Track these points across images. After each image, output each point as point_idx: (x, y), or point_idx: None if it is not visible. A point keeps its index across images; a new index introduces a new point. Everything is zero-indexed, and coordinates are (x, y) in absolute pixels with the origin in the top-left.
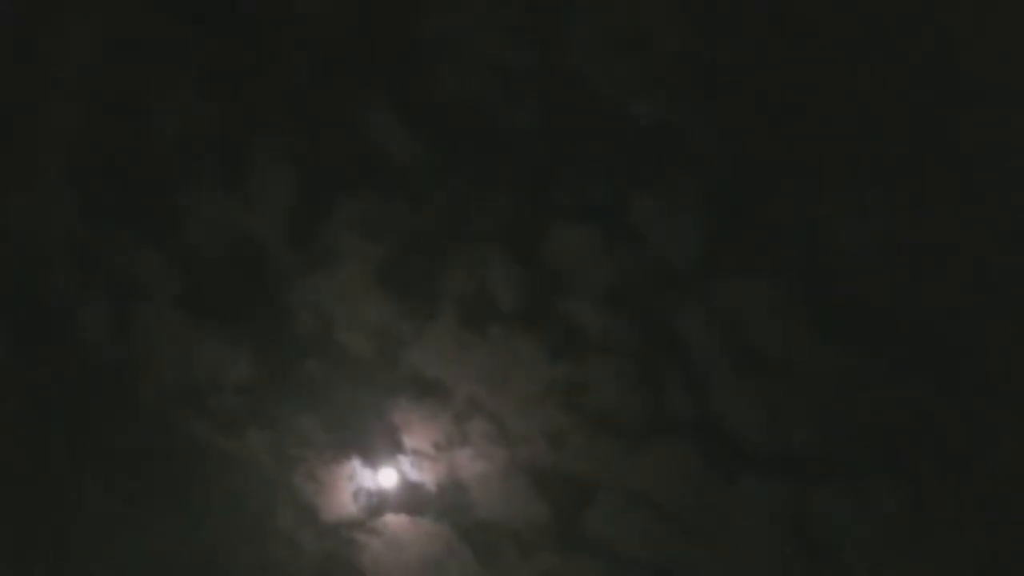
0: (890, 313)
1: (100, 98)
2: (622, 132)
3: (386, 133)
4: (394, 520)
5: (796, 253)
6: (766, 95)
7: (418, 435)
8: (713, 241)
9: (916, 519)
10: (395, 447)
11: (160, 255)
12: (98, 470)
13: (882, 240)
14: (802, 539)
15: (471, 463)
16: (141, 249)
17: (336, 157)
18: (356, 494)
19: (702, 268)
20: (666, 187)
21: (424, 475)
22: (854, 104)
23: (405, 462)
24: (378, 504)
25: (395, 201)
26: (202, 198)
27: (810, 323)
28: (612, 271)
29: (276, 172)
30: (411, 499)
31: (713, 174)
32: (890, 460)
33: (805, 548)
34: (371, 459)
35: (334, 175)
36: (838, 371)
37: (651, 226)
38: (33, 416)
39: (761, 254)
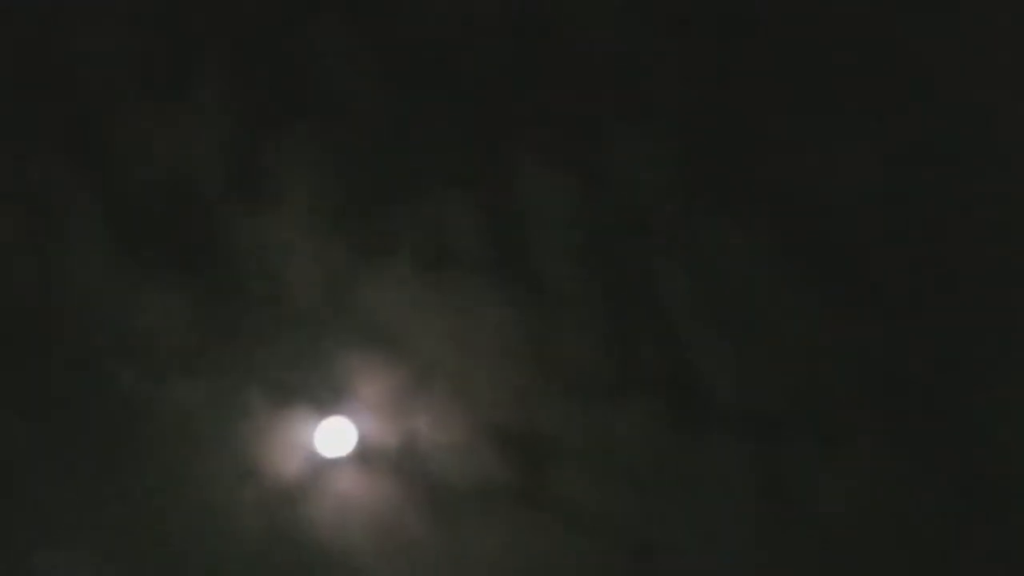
0: (873, 265)
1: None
2: (594, 72)
3: (339, 62)
4: (347, 479)
5: (778, 200)
6: (744, 31)
7: (372, 389)
8: (689, 187)
9: (893, 478)
10: (347, 401)
11: (87, 188)
12: (16, 424)
13: (868, 186)
14: (775, 499)
15: (428, 419)
16: (69, 183)
17: (283, 87)
18: (306, 450)
19: (677, 215)
20: (640, 129)
21: (378, 431)
22: (841, 39)
23: (358, 417)
24: (330, 461)
25: (349, 138)
26: (134, 129)
27: (789, 274)
28: (581, 218)
29: (216, 102)
30: (365, 456)
31: (689, 115)
32: (868, 418)
33: (778, 508)
34: (321, 414)
35: (281, 107)
36: (818, 325)
37: (624, 170)
38: None
39: (740, 201)
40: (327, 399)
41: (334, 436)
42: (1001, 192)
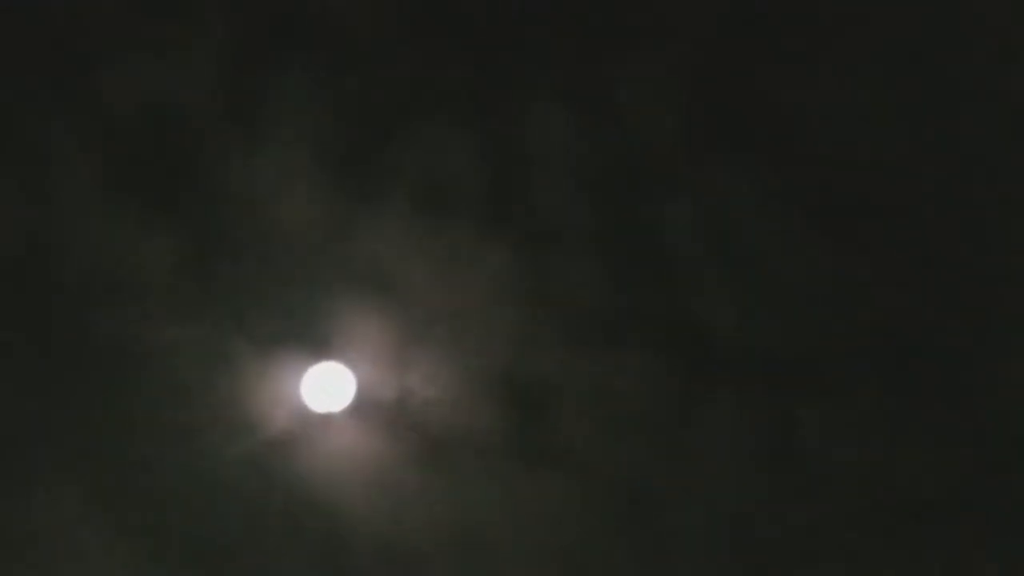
0: (885, 210)
1: None
2: (598, 8)
3: None
4: (341, 427)
5: (784, 142)
6: None
7: (367, 334)
8: (694, 128)
9: (902, 428)
10: (342, 347)
11: (74, 121)
12: (12, 362)
13: (881, 128)
14: (782, 449)
15: (426, 366)
16: (53, 119)
17: (278, 21)
18: (299, 399)
19: (681, 157)
20: (644, 68)
21: (375, 379)
22: None
23: (354, 364)
24: (324, 410)
25: (344, 70)
26: (119, 59)
27: (794, 221)
28: (585, 157)
29: (205, 32)
30: (360, 405)
31: (694, 54)
32: (874, 364)
33: (785, 459)
34: (316, 360)
35: (275, 41)
36: (820, 272)
37: (631, 107)
38: None
39: (745, 143)
40: (321, 346)
41: (327, 385)
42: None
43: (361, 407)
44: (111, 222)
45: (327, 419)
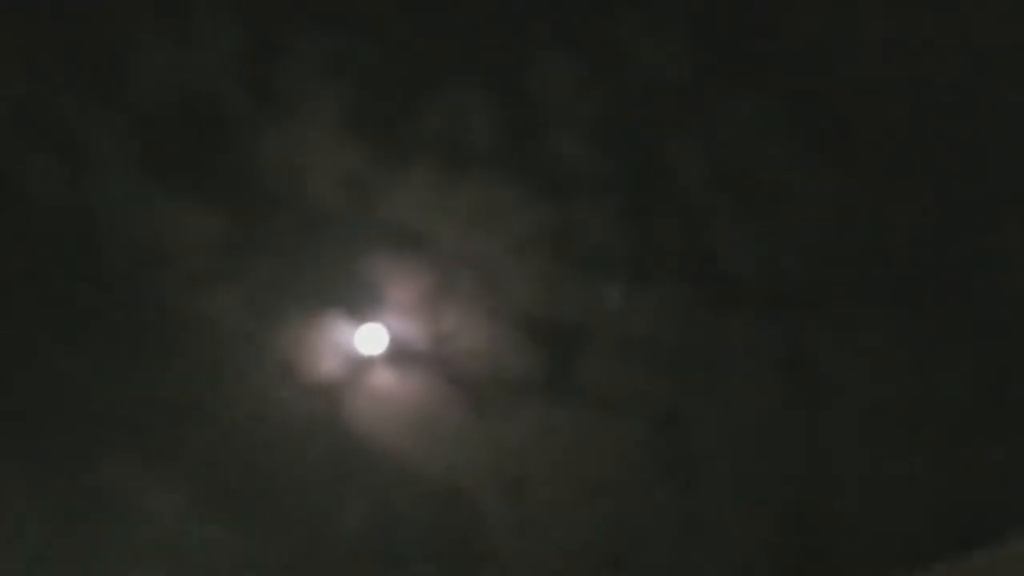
0: (891, 136)
1: None
2: None
3: None
4: (381, 376)
5: (792, 71)
6: None
7: (401, 288)
8: (702, 63)
9: (916, 352)
10: (378, 302)
11: (108, 112)
12: (60, 336)
13: (885, 54)
14: (800, 376)
15: (458, 314)
16: (88, 108)
17: None
18: (340, 352)
19: (691, 93)
20: (649, 3)
21: (410, 329)
22: None
23: (389, 316)
24: (364, 361)
25: (356, 37)
26: (147, 49)
27: (806, 148)
28: (596, 102)
29: (221, 12)
30: (398, 354)
31: None
32: (889, 291)
33: (803, 385)
34: (354, 315)
35: (286, 10)
36: (834, 198)
37: (635, 49)
38: None
39: (754, 74)
40: (357, 301)
41: (365, 337)
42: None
43: (398, 354)
44: (152, 201)
45: (367, 367)
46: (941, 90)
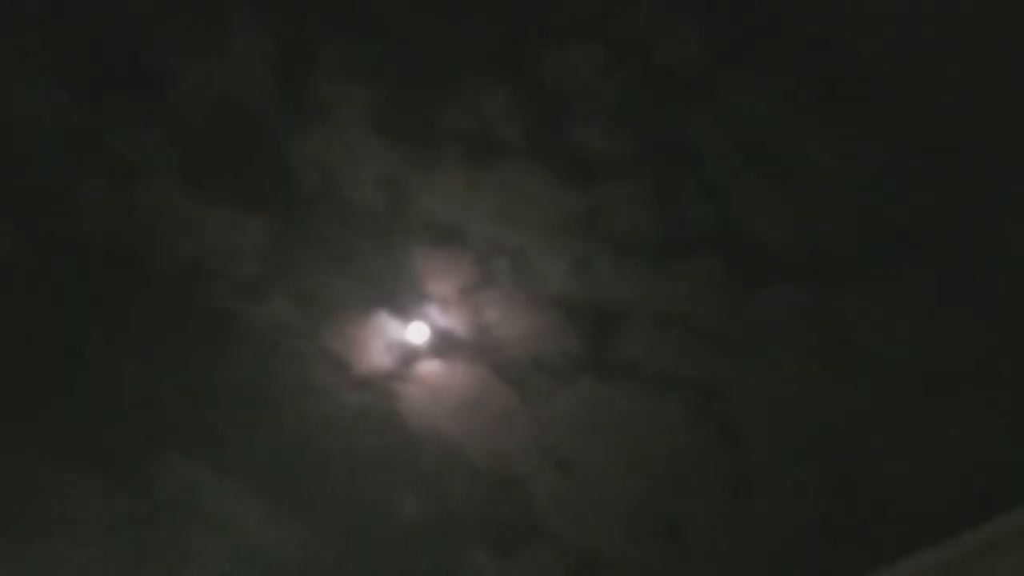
0: (907, 101)
1: None
2: None
3: None
4: (428, 367)
5: (805, 44)
6: None
7: (441, 281)
8: (716, 41)
9: (948, 310)
10: (420, 295)
11: (152, 129)
12: (126, 348)
13: (897, 24)
14: (835, 341)
15: (497, 302)
16: (132, 125)
17: (318, 5)
18: (387, 346)
19: (708, 71)
20: None
21: (452, 320)
22: None
23: (432, 309)
24: (410, 353)
25: (380, 41)
26: (183, 66)
27: (824, 117)
28: (615, 87)
29: (252, 27)
30: (442, 344)
31: None
32: (917, 253)
33: (839, 350)
34: (397, 309)
35: (312, 21)
36: (857, 166)
37: (650, 33)
38: (48, 304)
39: (768, 49)
40: (400, 295)
41: (412, 329)
42: None
43: (442, 346)
44: (201, 208)
45: (414, 360)
46: (957, 60)
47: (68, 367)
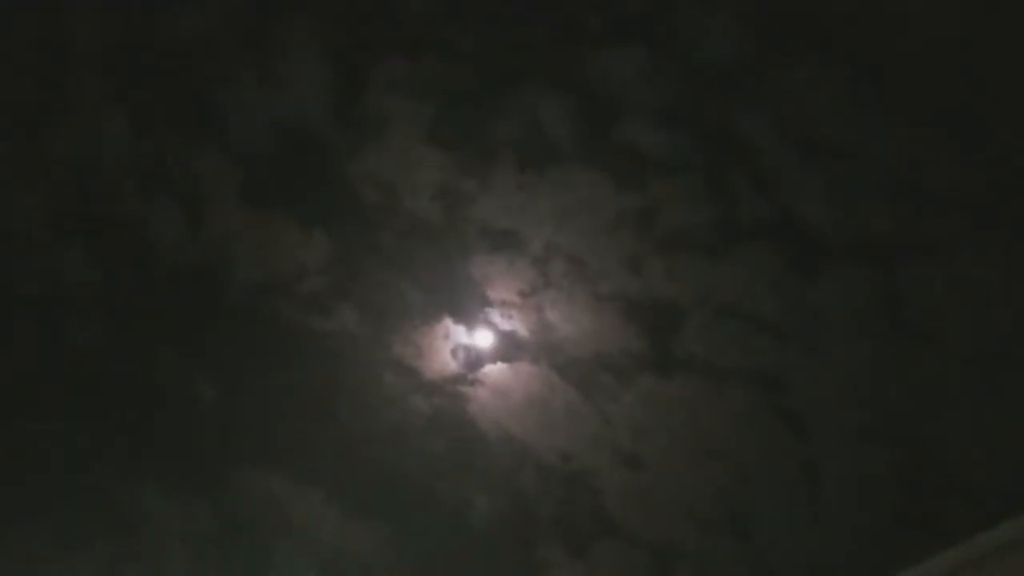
0: (957, 85)
1: (119, 10)
2: None
3: None
4: (494, 369)
5: (851, 33)
6: None
7: (501, 286)
8: (759, 33)
9: (1007, 288)
10: (482, 301)
11: (215, 155)
12: (200, 367)
13: (945, 9)
14: (895, 323)
15: (557, 303)
16: (196, 153)
17: (361, 24)
18: (454, 351)
19: (753, 64)
20: None
21: (514, 323)
22: None
23: (494, 313)
24: (476, 357)
25: (430, 56)
26: (242, 92)
27: (872, 103)
28: (662, 86)
29: (305, 50)
30: (506, 347)
31: None
32: (972, 230)
33: (899, 331)
34: (461, 316)
35: (363, 42)
36: (907, 148)
37: (692, 30)
38: (123, 327)
39: (811, 38)
40: (462, 301)
41: (476, 334)
42: None
43: (506, 349)
44: (263, 231)
45: (479, 363)
46: (1010, 43)
47: (145, 388)
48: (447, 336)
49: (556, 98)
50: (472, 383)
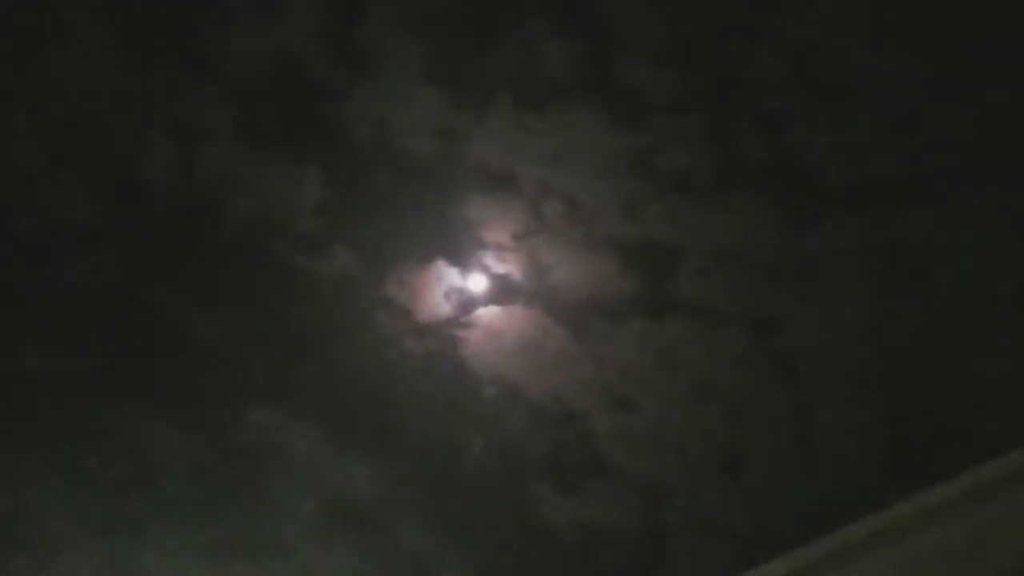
0: (964, 26)
1: None
2: None
3: None
4: (487, 312)
5: None
6: None
7: (495, 228)
8: None
9: (1004, 234)
10: (476, 243)
11: (209, 91)
12: (196, 303)
13: None
14: (894, 267)
15: (551, 246)
16: (190, 90)
17: None
18: (447, 294)
19: (756, 2)
20: None
21: (508, 265)
22: None
23: (488, 256)
24: (469, 299)
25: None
26: (236, 28)
27: (875, 45)
28: (663, 22)
29: None
30: (500, 290)
31: None
32: (973, 174)
33: (894, 278)
34: (455, 258)
35: None
36: (911, 93)
37: None
38: (121, 264)
39: None
40: (456, 243)
41: (470, 276)
42: None
43: (500, 291)
44: (258, 168)
45: (472, 306)
46: None
47: (141, 323)
48: (440, 278)
49: (555, 35)
50: (465, 325)
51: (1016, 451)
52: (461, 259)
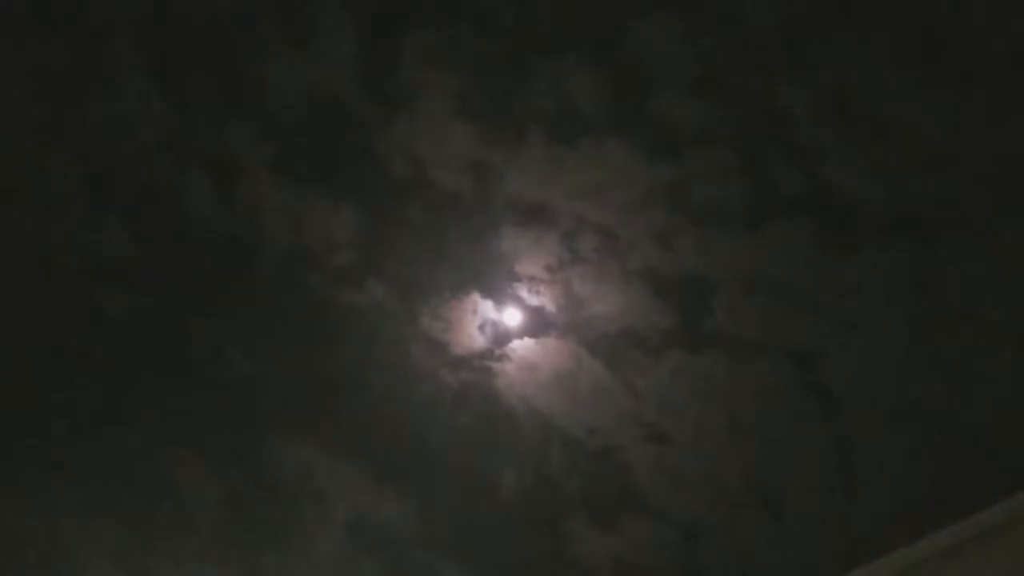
0: (1000, 57)
1: None
2: None
3: None
4: (521, 345)
5: (884, 4)
6: None
7: (530, 260)
8: (795, 2)
9: None
10: (510, 276)
11: (247, 126)
12: (233, 338)
13: None
14: (931, 298)
15: (586, 278)
16: (229, 125)
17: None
18: (482, 326)
19: (788, 34)
20: None
21: (542, 298)
22: None
23: (522, 288)
24: (504, 332)
25: (460, 28)
26: (274, 64)
27: (909, 74)
28: (696, 56)
29: (338, 21)
30: (534, 322)
31: None
32: (1011, 209)
33: (933, 309)
34: (489, 291)
35: (393, 12)
36: (945, 120)
37: (727, 2)
38: (157, 297)
39: (847, 6)
40: (491, 276)
41: (505, 310)
42: None
43: (534, 324)
44: (295, 202)
45: (507, 338)
46: None
47: (178, 357)
48: (475, 311)
49: (588, 69)
50: (500, 358)
51: None
52: (495, 292)
